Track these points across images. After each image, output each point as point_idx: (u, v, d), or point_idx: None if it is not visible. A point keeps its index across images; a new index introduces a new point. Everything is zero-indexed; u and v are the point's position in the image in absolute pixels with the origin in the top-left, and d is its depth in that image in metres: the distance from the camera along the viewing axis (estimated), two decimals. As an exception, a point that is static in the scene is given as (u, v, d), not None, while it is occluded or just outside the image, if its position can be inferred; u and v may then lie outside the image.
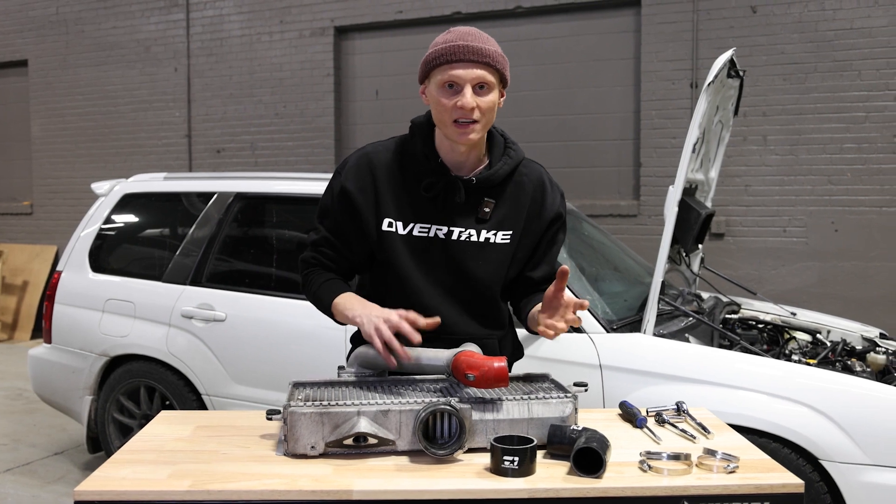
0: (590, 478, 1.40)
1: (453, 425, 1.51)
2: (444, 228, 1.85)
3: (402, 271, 1.86)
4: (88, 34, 8.36)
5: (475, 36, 1.76)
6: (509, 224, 1.88)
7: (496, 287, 1.91)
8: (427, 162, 1.85)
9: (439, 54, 1.74)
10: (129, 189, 4.07)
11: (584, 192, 6.42)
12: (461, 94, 1.72)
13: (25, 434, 4.74)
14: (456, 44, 1.73)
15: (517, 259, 1.92)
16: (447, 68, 1.73)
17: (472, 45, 1.73)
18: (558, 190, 1.96)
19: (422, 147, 1.86)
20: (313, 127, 7.33)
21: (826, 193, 5.68)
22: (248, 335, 3.43)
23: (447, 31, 1.79)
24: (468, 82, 1.72)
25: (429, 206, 1.85)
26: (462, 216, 1.85)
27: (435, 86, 1.76)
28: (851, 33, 5.56)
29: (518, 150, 1.92)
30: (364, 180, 1.86)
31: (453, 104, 1.73)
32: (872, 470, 2.45)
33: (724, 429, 1.74)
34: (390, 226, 1.85)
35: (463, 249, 1.86)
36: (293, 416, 1.49)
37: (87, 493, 1.33)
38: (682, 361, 2.73)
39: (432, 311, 1.82)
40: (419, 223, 1.85)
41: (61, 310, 3.95)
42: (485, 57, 1.73)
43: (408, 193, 1.86)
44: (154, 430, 1.69)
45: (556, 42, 6.55)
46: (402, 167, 1.87)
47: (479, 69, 1.73)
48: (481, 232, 1.86)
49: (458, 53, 1.72)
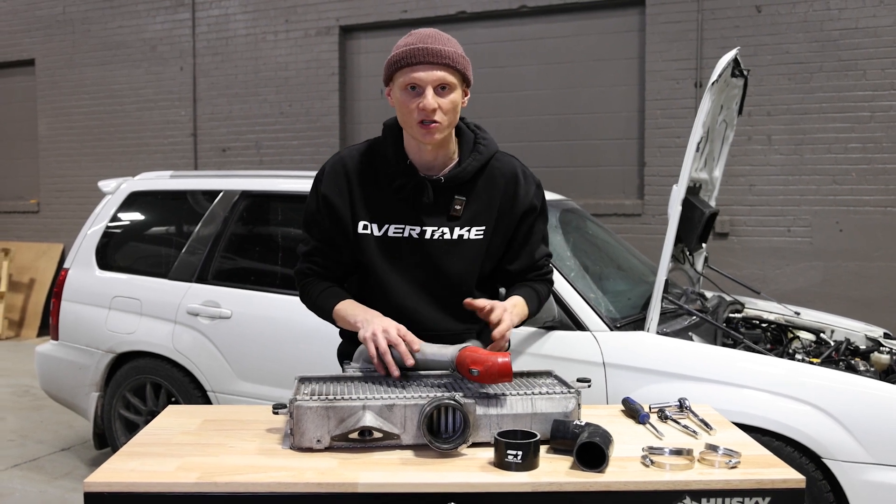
0: (592, 472, 1.41)
1: (457, 420, 1.52)
2: (416, 228, 1.89)
3: (378, 272, 1.90)
4: (95, 33, 8.39)
5: (435, 38, 1.79)
6: (482, 219, 1.92)
7: (471, 281, 1.94)
8: (397, 164, 1.88)
9: (400, 57, 1.78)
10: (136, 187, 4.09)
11: (588, 191, 6.42)
12: (423, 96, 1.76)
13: (33, 430, 4.77)
14: (416, 46, 1.77)
15: (491, 253, 1.95)
16: (408, 71, 1.77)
17: (431, 47, 1.76)
18: (533, 181, 1.98)
19: (392, 149, 1.90)
20: (318, 126, 7.35)
21: (830, 193, 5.68)
22: (253, 332, 3.45)
23: (408, 34, 1.83)
24: (429, 84, 1.76)
25: (401, 206, 1.89)
26: (434, 215, 1.89)
27: (398, 88, 1.80)
28: (856, 33, 5.56)
29: (489, 144, 1.94)
30: (340, 185, 1.91)
31: (416, 106, 1.77)
32: (875, 469, 2.45)
33: (726, 425, 1.75)
34: (365, 228, 1.90)
35: (437, 248, 1.89)
36: (299, 411, 1.51)
37: (97, 484, 1.35)
38: (685, 360, 2.74)
39: (409, 309, 1.88)
40: (393, 224, 1.89)
41: (68, 307, 3.98)
42: (444, 59, 1.77)
43: (381, 195, 1.90)
44: (162, 424, 1.71)
45: (560, 41, 6.56)
46: (374, 169, 1.91)
47: (439, 70, 1.76)
48: (454, 229, 1.90)
49: (418, 56, 1.76)
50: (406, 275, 1.90)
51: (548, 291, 2.05)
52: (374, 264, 1.90)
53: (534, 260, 2.00)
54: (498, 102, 6.72)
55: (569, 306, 2.89)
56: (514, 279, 2.01)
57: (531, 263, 2.00)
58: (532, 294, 1.97)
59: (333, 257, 1.96)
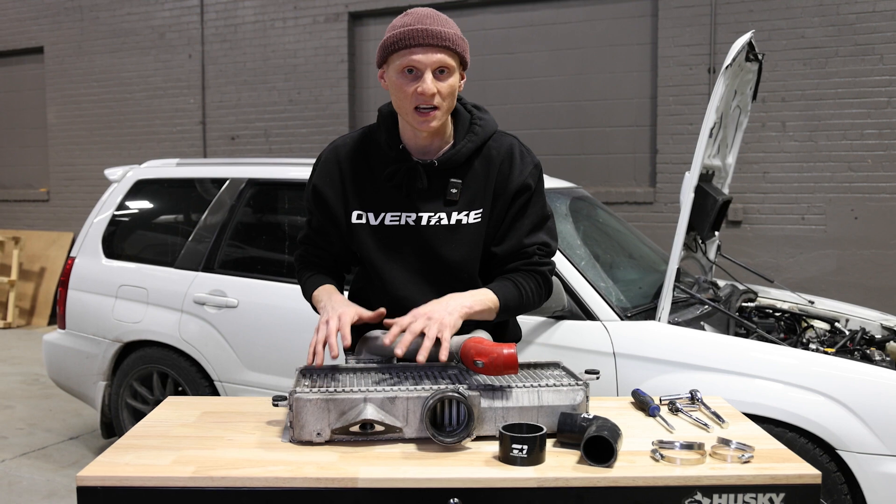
0: (600, 467, 1.37)
1: (461, 413, 1.48)
2: (412, 215, 1.82)
3: (375, 262, 1.85)
4: (103, 21, 8.37)
5: (434, 18, 1.71)
6: (479, 202, 1.82)
7: (472, 268, 1.85)
8: (389, 150, 1.82)
9: (397, 38, 1.69)
10: (142, 175, 4.07)
11: (599, 178, 6.36)
12: (422, 80, 1.68)
13: (41, 419, 4.77)
14: (414, 27, 1.68)
15: (489, 235, 1.85)
16: (406, 53, 1.68)
17: (431, 28, 1.68)
18: (531, 161, 1.86)
19: (385, 135, 1.83)
20: (327, 114, 7.31)
21: (846, 180, 5.59)
22: (260, 321, 3.43)
23: (405, 14, 1.74)
24: (428, 67, 1.68)
25: (396, 194, 1.82)
26: (430, 201, 1.81)
27: (394, 71, 1.72)
28: (874, 16, 5.45)
29: (486, 124, 1.85)
30: (332, 175, 1.87)
31: (413, 90, 1.69)
32: (891, 460, 2.41)
33: (738, 418, 1.70)
34: (360, 217, 1.84)
35: (434, 234, 1.81)
36: (299, 403, 1.47)
37: (90, 478, 1.32)
38: (697, 349, 2.69)
39: (408, 300, 1.79)
40: (389, 212, 1.83)
41: (75, 295, 3.97)
42: (445, 41, 1.68)
43: (375, 183, 1.83)
44: (160, 416, 1.68)
45: (571, 27, 6.48)
46: (367, 157, 1.85)
47: (439, 53, 1.68)
48: (451, 214, 1.81)
49: (417, 38, 1.67)
50: (404, 264, 1.84)
51: (535, 286, 1.85)
52: (370, 254, 1.85)
53: (522, 245, 1.83)
54: (508, 89, 6.66)
55: (579, 295, 2.84)
56: (502, 263, 1.86)
57: (519, 248, 1.83)
58: (509, 286, 1.81)
59: (324, 247, 1.95)
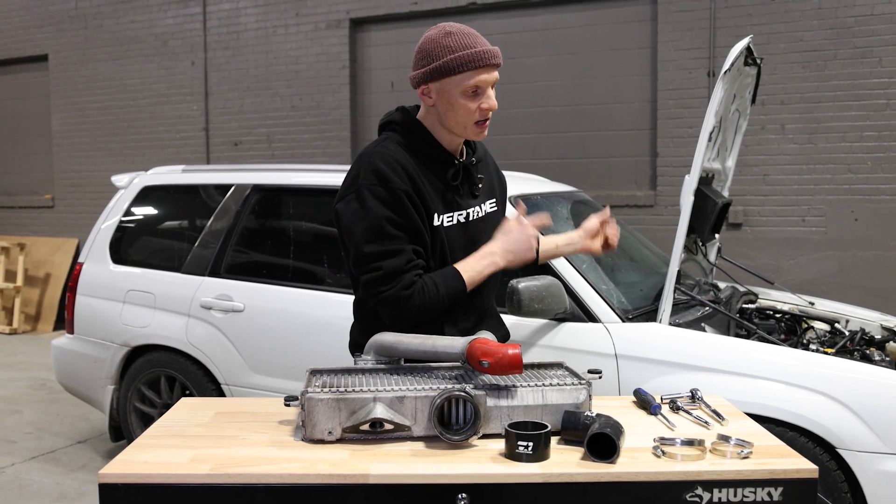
0: (603, 463, 1.41)
1: (468, 411, 1.52)
2: (463, 213, 1.93)
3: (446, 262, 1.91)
4: (107, 28, 8.43)
5: (478, 36, 1.83)
6: (492, 191, 2.04)
7: None
8: (441, 155, 1.90)
9: (466, 61, 1.77)
10: (148, 182, 4.11)
11: (600, 182, 6.40)
12: (485, 96, 1.82)
13: (49, 423, 4.82)
14: (479, 50, 1.79)
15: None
16: (472, 74, 1.79)
17: (493, 49, 1.82)
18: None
19: (430, 142, 1.91)
20: (329, 119, 7.36)
21: (845, 182, 5.62)
22: (266, 326, 3.47)
23: (445, 34, 1.80)
24: (490, 85, 1.82)
25: (448, 195, 1.91)
26: (465, 197, 1.95)
27: (458, 91, 1.80)
28: (872, 19, 5.49)
29: None
30: (406, 181, 1.80)
31: (477, 106, 1.81)
32: (890, 459, 2.44)
33: (738, 416, 1.74)
34: (438, 220, 1.88)
35: (476, 228, 1.95)
36: (311, 402, 1.52)
37: (111, 475, 1.36)
38: (697, 351, 2.73)
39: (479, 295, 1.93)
40: (445, 213, 1.91)
41: (83, 301, 4.01)
42: (499, 58, 1.83)
43: (432, 187, 1.89)
44: (175, 416, 1.72)
45: (571, 32, 6.52)
46: (418, 165, 1.89)
47: (496, 70, 1.84)
48: (483, 206, 1.98)
49: (484, 59, 1.79)
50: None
51: None
52: (455, 255, 1.88)
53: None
54: (509, 94, 6.70)
55: (581, 298, 2.88)
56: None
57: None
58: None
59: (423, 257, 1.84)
